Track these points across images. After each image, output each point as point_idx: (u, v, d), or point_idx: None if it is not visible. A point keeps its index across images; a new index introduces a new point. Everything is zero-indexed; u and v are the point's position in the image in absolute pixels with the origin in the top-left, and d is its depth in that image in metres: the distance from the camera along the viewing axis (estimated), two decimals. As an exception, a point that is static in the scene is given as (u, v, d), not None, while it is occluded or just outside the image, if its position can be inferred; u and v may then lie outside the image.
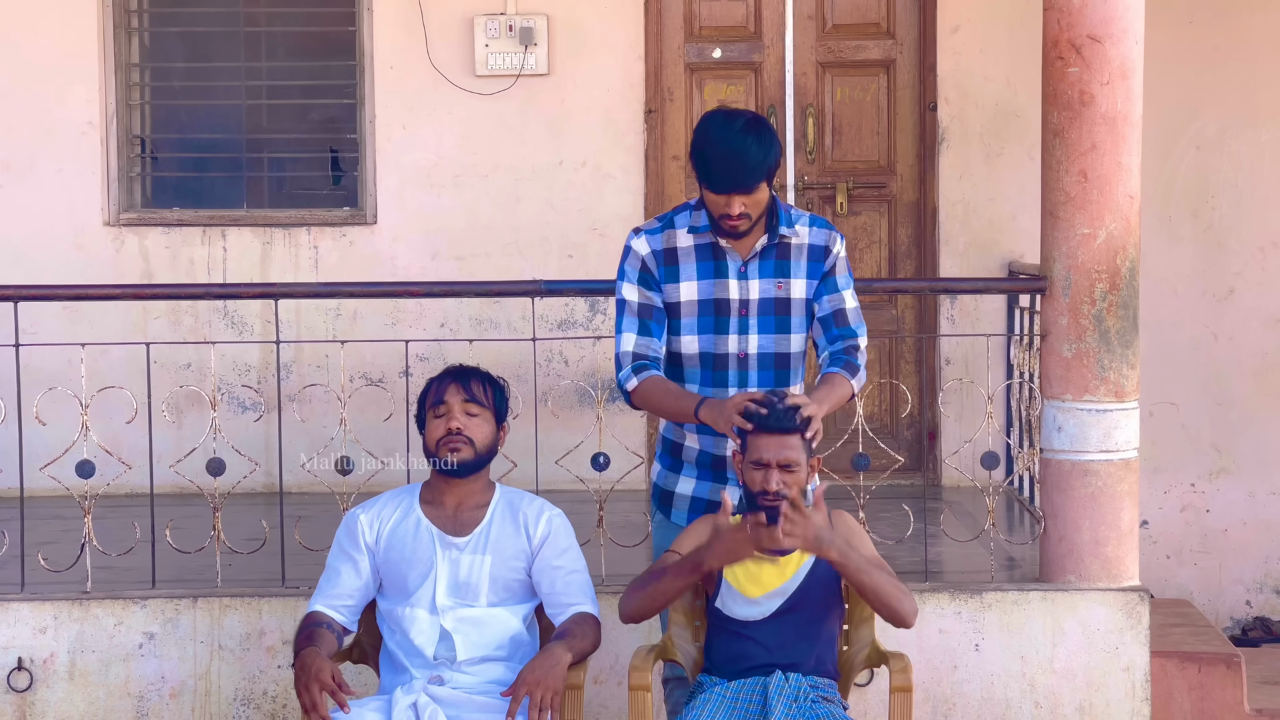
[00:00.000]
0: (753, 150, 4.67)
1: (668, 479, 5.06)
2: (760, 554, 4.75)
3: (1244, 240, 8.32)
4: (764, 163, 4.70)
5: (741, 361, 4.89)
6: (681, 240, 4.90)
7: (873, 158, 8.35)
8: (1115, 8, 5.75)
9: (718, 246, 4.88)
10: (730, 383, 4.90)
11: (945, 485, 8.04)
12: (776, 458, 4.66)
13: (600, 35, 8.24)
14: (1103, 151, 5.77)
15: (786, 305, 4.91)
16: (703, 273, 4.89)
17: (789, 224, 4.90)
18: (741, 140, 4.67)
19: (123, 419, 6.06)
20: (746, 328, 4.89)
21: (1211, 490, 8.38)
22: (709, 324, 4.89)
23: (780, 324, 4.91)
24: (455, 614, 4.75)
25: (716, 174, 4.70)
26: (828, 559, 4.64)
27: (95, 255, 8.23)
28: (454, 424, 4.77)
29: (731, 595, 4.81)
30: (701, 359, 4.90)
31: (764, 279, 4.89)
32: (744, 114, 4.78)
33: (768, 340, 4.90)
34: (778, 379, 4.90)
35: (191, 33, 8.49)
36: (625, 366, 4.90)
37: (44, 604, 5.84)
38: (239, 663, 5.85)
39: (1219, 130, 8.29)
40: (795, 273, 4.91)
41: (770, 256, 4.90)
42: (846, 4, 8.32)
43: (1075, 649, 5.86)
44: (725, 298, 4.88)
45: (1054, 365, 5.88)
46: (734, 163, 4.67)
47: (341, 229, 8.28)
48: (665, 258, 4.90)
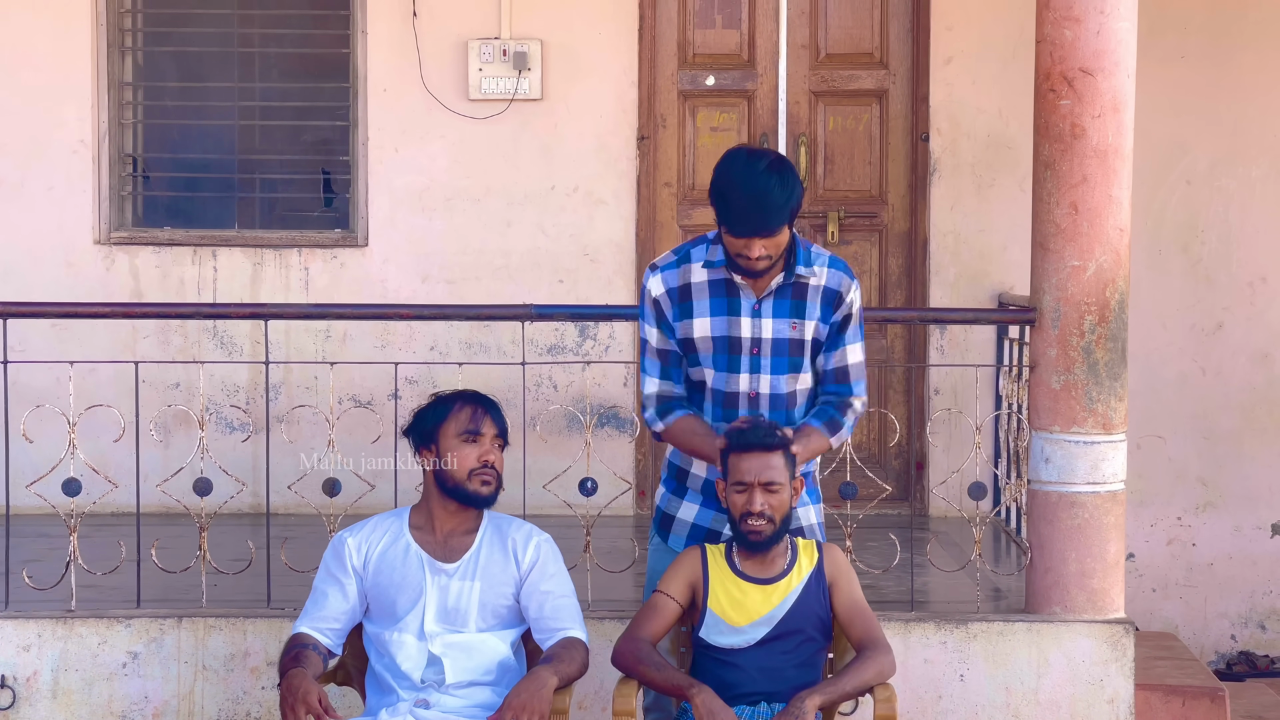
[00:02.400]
0: (775, 193, 4.60)
1: (670, 503, 5.04)
2: (745, 580, 4.78)
3: (1233, 275, 8.34)
4: (786, 206, 4.62)
5: (752, 401, 4.86)
6: (696, 275, 4.85)
7: (864, 187, 8.37)
8: (1107, 41, 5.77)
9: (732, 283, 4.82)
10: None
11: (932, 515, 8.04)
12: (758, 477, 4.68)
13: (594, 61, 8.26)
14: (1094, 184, 5.79)
15: (800, 346, 4.86)
16: (716, 309, 4.84)
17: (807, 264, 4.84)
18: (765, 182, 4.60)
19: (110, 437, 6.04)
20: (758, 367, 4.85)
21: (1198, 524, 8.39)
22: (723, 361, 4.85)
23: (793, 365, 4.86)
24: (444, 639, 4.75)
25: (737, 217, 4.63)
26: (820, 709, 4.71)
27: (85, 273, 8.22)
28: (490, 457, 4.77)
29: (716, 625, 4.81)
30: (714, 395, 4.88)
31: (778, 318, 4.83)
32: (768, 154, 4.69)
33: (779, 381, 4.86)
34: (786, 419, 4.87)
35: (185, 52, 8.50)
36: (650, 408, 4.91)
37: (28, 622, 5.83)
38: (223, 683, 5.83)
39: (1209, 165, 8.32)
40: (810, 314, 4.85)
41: (786, 296, 4.84)
42: (840, 34, 8.34)
43: (1060, 680, 5.85)
44: (738, 336, 4.83)
45: (1042, 396, 5.89)
46: (756, 206, 4.60)
47: (332, 250, 8.28)
48: (680, 295, 4.86)
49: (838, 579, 4.85)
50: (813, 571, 4.85)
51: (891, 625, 5.85)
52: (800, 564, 4.85)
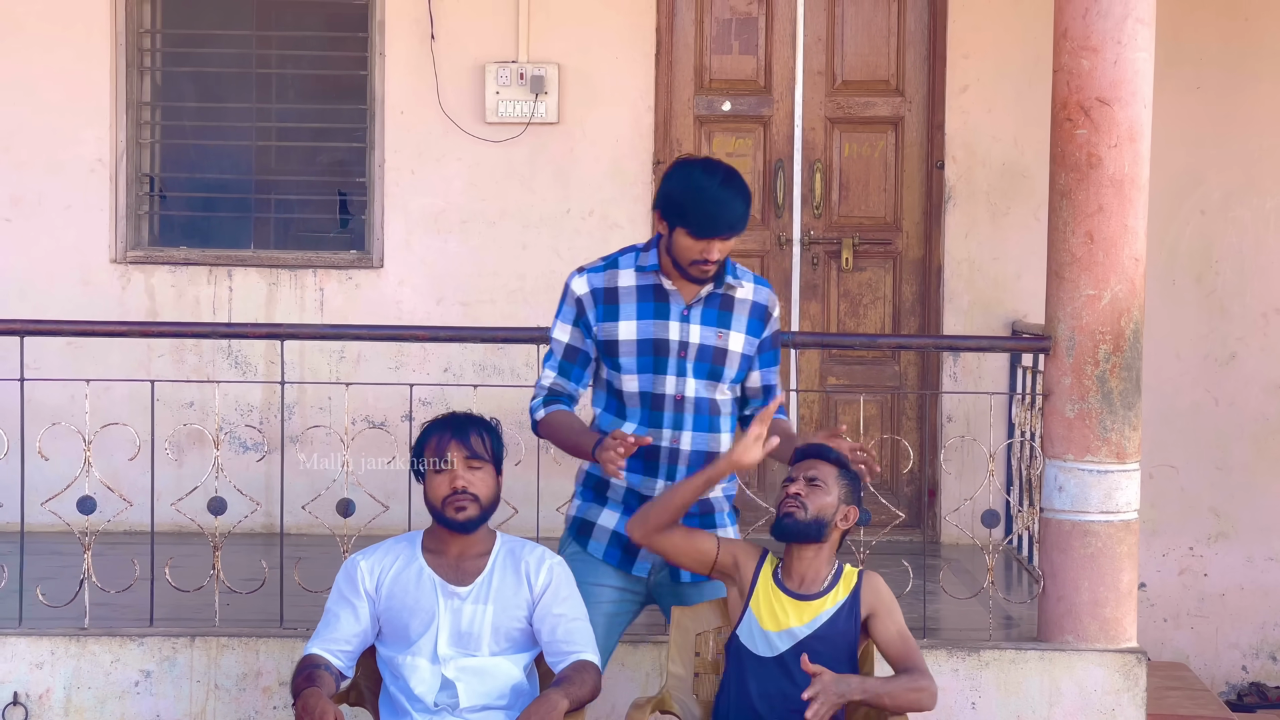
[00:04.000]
0: (739, 200, 4.84)
1: (590, 510, 5.11)
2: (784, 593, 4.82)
3: (1246, 306, 8.34)
4: (747, 209, 4.88)
5: (678, 404, 4.96)
6: (624, 280, 4.98)
7: (879, 214, 8.38)
8: (1124, 71, 5.78)
9: (661, 288, 4.97)
10: (666, 424, 4.96)
11: (944, 542, 8.04)
12: (805, 473, 4.87)
13: (611, 85, 8.28)
14: (1109, 213, 5.80)
15: (723, 356, 4.99)
16: (643, 313, 4.97)
17: (735, 276, 5.03)
18: (728, 190, 4.82)
19: (125, 456, 6.06)
20: (684, 370, 4.96)
21: (1210, 554, 8.38)
22: (649, 364, 4.96)
23: (714, 372, 4.99)
24: (457, 663, 4.74)
25: (703, 221, 4.81)
26: (856, 702, 4.77)
27: (101, 292, 8.24)
28: (459, 483, 4.77)
29: (750, 624, 4.87)
30: (641, 398, 4.97)
31: (705, 325, 4.98)
32: (721, 165, 4.92)
33: (702, 385, 4.97)
34: (710, 424, 4.98)
35: (203, 73, 8.53)
36: (539, 397, 5.04)
37: (41, 639, 5.84)
38: (235, 703, 5.84)
39: (1224, 196, 8.32)
40: (735, 325, 5.01)
41: (714, 305, 5.00)
42: (856, 61, 8.36)
43: (1072, 709, 5.85)
44: (665, 338, 4.96)
45: (1056, 425, 5.89)
46: (723, 211, 4.81)
47: (347, 272, 8.30)
48: (605, 296, 4.98)
49: (877, 608, 4.92)
50: (847, 598, 4.89)
51: (903, 652, 5.85)
52: (838, 589, 4.90)
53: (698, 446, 4.98)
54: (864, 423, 6.96)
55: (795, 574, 4.92)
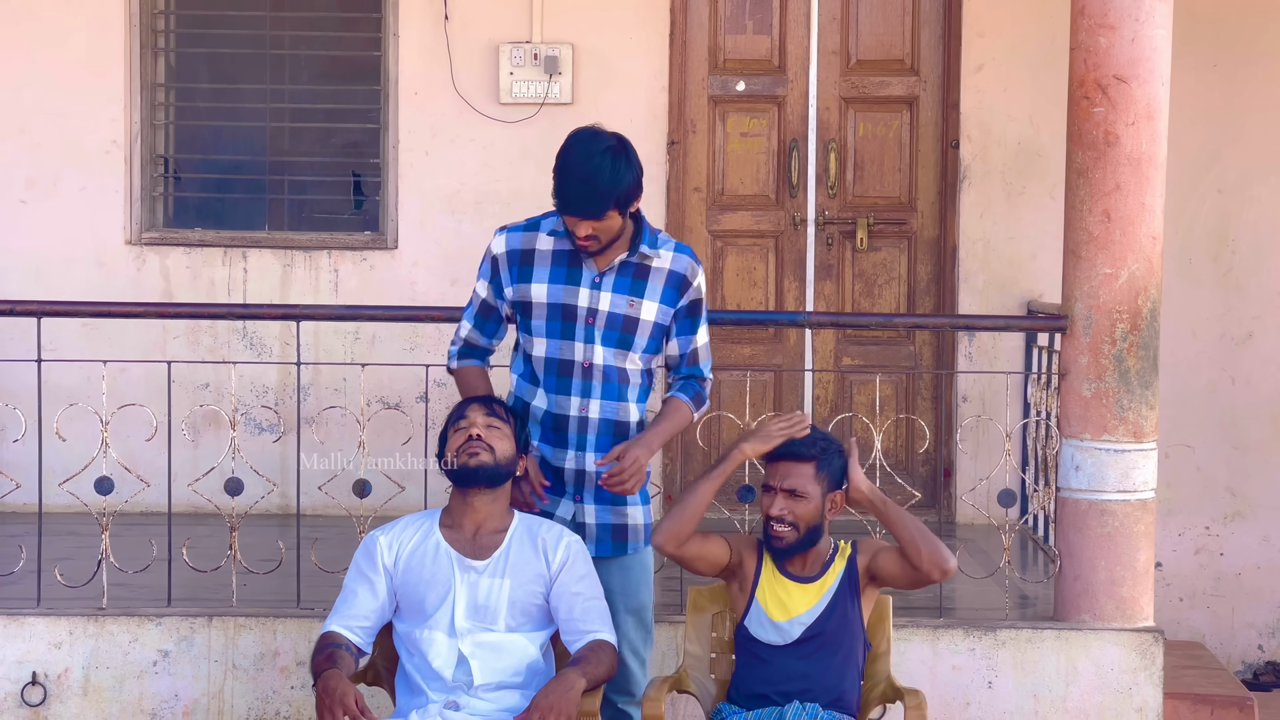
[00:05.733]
0: (604, 180, 4.75)
1: None
2: (789, 579, 4.83)
3: (1263, 285, 8.32)
4: (613, 192, 4.77)
5: (586, 371, 4.94)
6: (542, 243, 4.98)
7: (894, 194, 8.37)
8: (1142, 49, 5.76)
9: (575, 254, 4.95)
10: (574, 391, 4.95)
11: (960, 522, 8.04)
12: (782, 484, 4.83)
13: (625, 66, 8.26)
14: (1126, 192, 5.78)
15: (634, 324, 4.96)
16: (555, 277, 4.95)
17: (653, 245, 4.97)
18: (597, 165, 4.75)
19: (141, 437, 6.07)
20: (592, 337, 4.94)
21: (1226, 533, 8.37)
22: (556, 329, 4.95)
23: (624, 340, 4.95)
24: (474, 638, 4.75)
25: (566, 197, 4.80)
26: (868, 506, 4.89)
27: (116, 274, 8.25)
28: (475, 431, 4.78)
29: (759, 616, 4.88)
30: (547, 364, 4.97)
31: (617, 293, 4.95)
32: (608, 138, 4.84)
33: (610, 354, 4.94)
34: (619, 393, 4.95)
35: (217, 54, 8.52)
36: (455, 346, 5.13)
37: (59, 619, 5.86)
38: (252, 682, 5.85)
39: (1241, 175, 8.30)
40: (650, 295, 4.97)
41: (627, 274, 4.96)
42: (871, 40, 8.34)
43: (1088, 688, 5.85)
44: (574, 304, 4.94)
45: (1073, 404, 5.88)
46: (584, 189, 4.76)
47: (362, 253, 8.30)
48: (521, 258, 4.99)
49: (875, 555, 4.96)
50: (845, 568, 4.91)
51: (920, 632, 5.86)
52: (836, 563, 4.92)
53: (606, 415, 4.96)
54: (879, 403, 6.95)
55: (797, 559, 4.93)
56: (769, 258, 8.37)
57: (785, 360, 8.35)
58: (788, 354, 8.37)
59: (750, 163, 8.37)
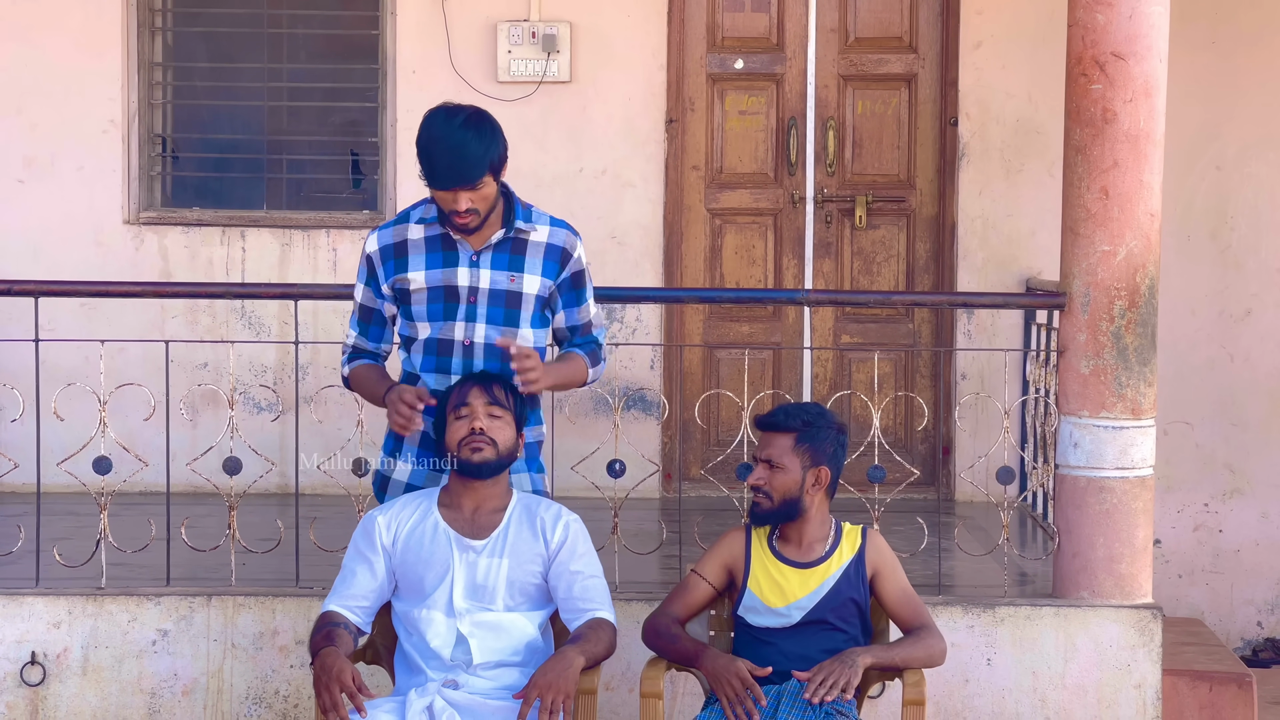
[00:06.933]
0: (473, 145, 4.73)
1: (387, 464, 5.09)
2: (785, 564, 4.83)
3: (1262, 261, 8.32)
4: (485, 157, 4.75)
5: (467, 350, 4.92)
6: (414, 233, 4.96)
7: (892, 171, 8.36)
8: (1140, 25, 5.75)
9: (449, 238, 4.93)
10: (454, 369, 4.93)
11: (959, 500, 8.05)
12: (762, 454, 4.86)
13: (623, 44, 8.25)
14: (1124, 169, 5.78)
15: (518, 299, 4.94)
16: (432, 263, 4.93)
17: (527, 220, 4.96)
18: (462, 135, 4.73)
19: (140, 416, 6.06)
20: (474, 316, 4.92)
21: (1224, 510, 8.38)
22: (438, 311, 4.93)
23: (509, 317, 4.94)
24: (472, 618, 4.75)
25: (440, 171, 4.75)
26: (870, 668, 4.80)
27: (114, 253, 8.25)
28: (477, 424, 4.77)
29: (754, 605, 4.87)
30: (427, 344, 4.95)
31: (496, 270, 4.93)
32: (465, 109, 4.81)
33: (495, 331, 4.92)
34: (504, 369, 4.89)
35: (215, 33, 8.51)
36: (346, 354, 5.13)
37: (58, 599, 5.86)
38: (251, 661, 5.86)
39: (1239, 151, 8.29)
40: (530, 269, 4.95)
41: (505, 250, 4.94)
42: (869, 18, 8.33)
43: (1087, 665, 5.85)
44: (454, 285, 4.91)
45: (1071, 381, 5.88)
46: (455, 158, 4.72)
47: (360, 232, 8.29)
48: (395, 251, 4.97)
49: (881, 568, 4.92)
50: (853, 558, 4.90)
51: (918, 609, 5.86)
52: (841, 549, 4.91)
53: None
54: (878, 381, 6.96)
55: (792, 541, 4.92)
56: (768, 235, 8.37)
57: (784, 338, 8.35)
58: (786, 332, 8.37)
59: (749, 141, 8.36)
